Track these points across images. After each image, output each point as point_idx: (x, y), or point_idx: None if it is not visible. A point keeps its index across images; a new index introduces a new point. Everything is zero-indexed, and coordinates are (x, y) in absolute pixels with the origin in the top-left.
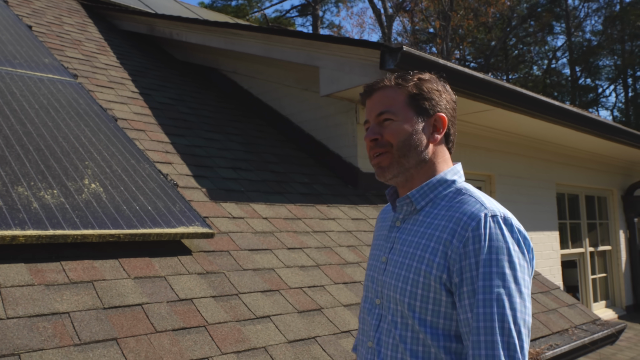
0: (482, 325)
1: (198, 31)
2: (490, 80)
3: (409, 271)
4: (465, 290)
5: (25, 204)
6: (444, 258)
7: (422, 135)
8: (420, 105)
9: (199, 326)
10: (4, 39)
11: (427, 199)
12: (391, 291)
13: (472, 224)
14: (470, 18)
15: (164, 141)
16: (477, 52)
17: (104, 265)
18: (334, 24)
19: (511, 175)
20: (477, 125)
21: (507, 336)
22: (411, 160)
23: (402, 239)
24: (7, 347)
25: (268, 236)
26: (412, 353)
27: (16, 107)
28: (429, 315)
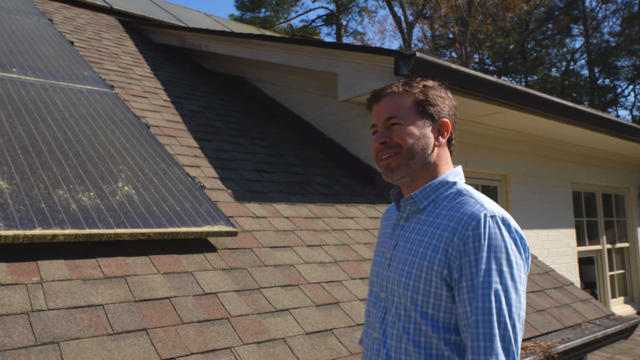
0: (480, 318)
1: (225, 42)
2: (501, 83)
3: (411, 267)
4: (465, 285)
5: (65, 205)
6: (444, 255)
7: (429, 138)
8: (427, 111)
9: (223, 318)
10: (48, 55)
11: (429, 199)
12: (395, 285)
13: (472, 223)
14: (488, 23)
15: (193, 146)
16: (496, 55)
17: (136, 262)
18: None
19: (526, 174)
20: (491, 126)
21: (503, 329)
22: (418, 162)
23: (406, 236)
24: (48, 335)
25: (289, 234)
26: (415, 343)
27: (58, 117)
28: (430, 308)
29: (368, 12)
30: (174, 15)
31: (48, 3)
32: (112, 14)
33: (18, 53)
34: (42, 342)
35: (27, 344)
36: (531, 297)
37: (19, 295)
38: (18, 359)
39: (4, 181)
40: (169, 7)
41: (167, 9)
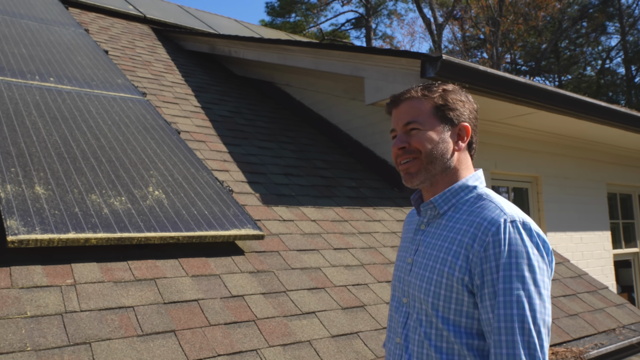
0: (502, 325)
1: (254, 48)
2: (530, 84)
3: (432, 272)
4: (487, 292)
5: (97, 209)
6: (465, 261)
7: (448, 143)
8: (446, 116)
9: (249, 321)
10: (84, 64)
11: (449, 204)
12: (416, 291)
13: (492, 229)
14: (520, 22)
15: (222, 151)
16: (528, 55)
17: (165, 265)
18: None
19: (558, 176)
20: (521, 127)
21: (527, 336)
22: (437, 167)
23: (427, 241)
24: (80, 336)
25: (316, 237)
26: (437, 349)
27: (92, 124)
28: (452, 314)
29: (397, 14)
30: (205, 22)
31: (84, 14)
32: (145, 23)
33: (55, 63)
34: (75, 342)
35: (61, 344)
36: (563, 301)
37: (53, 297)
38: (52, 358)
39: (41, 187)
40: (200, 14)
41: (198, 16)
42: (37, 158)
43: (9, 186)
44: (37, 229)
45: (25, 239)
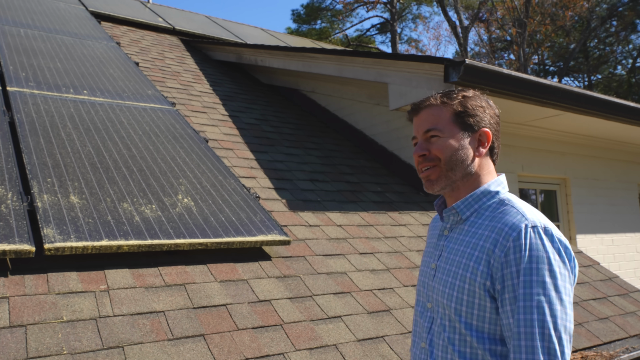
0: (522, 330)
1: (279, 57)
2: (555, 85)
3: (455, 278)
4: (507, 297)
5: (129, 217)
6: (487, 266)
7: (468, 150)
8: (465, 122)
9: (276, 325)
10: (115, 76)
11: (471, 210)
12: (439, 296)
13: (513, 234)
14: (547, 23)
15: (249, 158)
16: (556, 56)
17: (194, 270)
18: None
19: (587, 177)
20: (548, 129)
21: (548, 342)
22: (458, 174)
23: (450, 247)
24: (113, 340)
25: (341, 242)
26: (461, 354)
27: (124, 134)
28: (475, 319)
29: (422, 18)
30: (232, 32)
31: (116, 27)
32: (174, 34)
33: (89, 76)
34: (109, 346)
35: (95, 348)
36: (593, 305)
37: (88, 302)
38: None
39: (75, 196)
40: (227, 24)
41: (225, 26)
42: (71, 168)
43: (45, 196)
44: (72, 237)
45: (61, 246)
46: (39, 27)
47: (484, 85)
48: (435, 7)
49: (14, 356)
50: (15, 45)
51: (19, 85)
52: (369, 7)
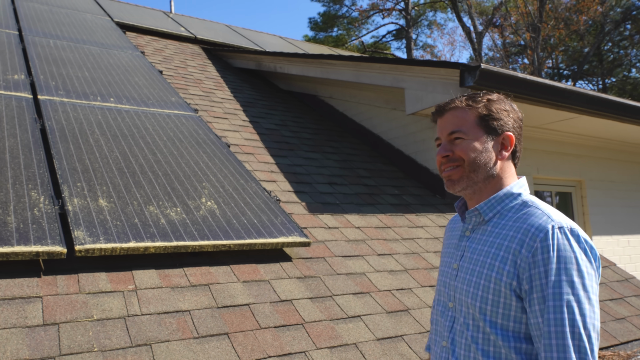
0: (552, 330)
1: (297, 63)
2: (570, 89)
3: (479, 277)
4: (536, 297)
5: (155, 220)
6: (513, 266)
7: (491, 152)
8: (490, 125)
9: (297, 324)
10: (140, 84)
11: (494, 211)
12: (463, 295)
13: (540, 235)
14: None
15: (269, 162)
16: (570, 59)
17: (218, 271)
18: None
19: (603, 179)
20: (563, 132)
21: (578, 340)
22: (480, 175)
23: (472, 247)
24: (141, 338)
25: (360, 244)
26: (484, 353)
27: (149, 140)
28: (500, 318)
29: (437, 25)
30: (252, 40)
31: (140, 37)
32: (196, 43)
33: (115, 84)
34: (137, 344)
35: (124, 345)
36: (609, 305)
37: (117, 302)
38: (116, 358)
39: (104, 200)
40: (247, 33)
41: (245, 35)
42: (100, 173)
43: (75, 200)
44: (101, 239)
45: (90, 248)
46: (67, 37)
47: (499, 89)
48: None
49: (48, 353)
50: (45, 56)
51: (49, 93)
52: (385, 14)
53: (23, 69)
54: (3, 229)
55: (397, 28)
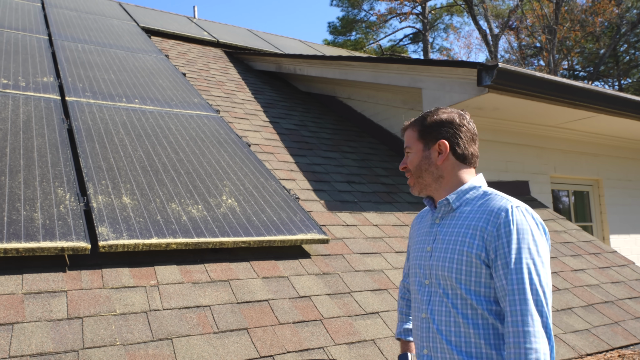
0: (516, 287)
1: (317, 65)
2: (588, 88)
3: (453, 253)
4: (500, 263)
5: (177, 217)
6: (481, 240)
7: (429, 159)
8: (425, 137)
9: (316, 320)
10: (164, 86)
11: (461, 200)
12: (440, 271)
13: (501, 213)
14: (576, 29)
15: (289, 161)
16: (586, 61)
17: (238, 267)
18: (444, 48)
19: (621, 178)
20: (580, 131)
21: (535, 295)
22: (427, 179)
23: (444, 231)
24: (163, 332)
25: (378, 241)
26: (464, 315)
27: (172, 140)
28: (473, 285)
29: (454, 28)
30: (272, 43)
31: (165, 41)
32: (218, 47)
33: (140, 86)
34: (158, 338)
35: (146, 340)
36: (628, 304)
37: (139, 297)
38: (138, 352)
39: (127, 197)
40: (267, 36)
41: (265, 38)
42: (124, 171)
43: (100, 197)
44: (124, 235)
45: (114, 244)
46: (94, 42)
47: (517, 89)
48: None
49: (72, 346)
50: (73, 59)
51: (77, 95)
52: (402, 18)
53: (52, 71)
54: (30, 225)
55: (414, 32)
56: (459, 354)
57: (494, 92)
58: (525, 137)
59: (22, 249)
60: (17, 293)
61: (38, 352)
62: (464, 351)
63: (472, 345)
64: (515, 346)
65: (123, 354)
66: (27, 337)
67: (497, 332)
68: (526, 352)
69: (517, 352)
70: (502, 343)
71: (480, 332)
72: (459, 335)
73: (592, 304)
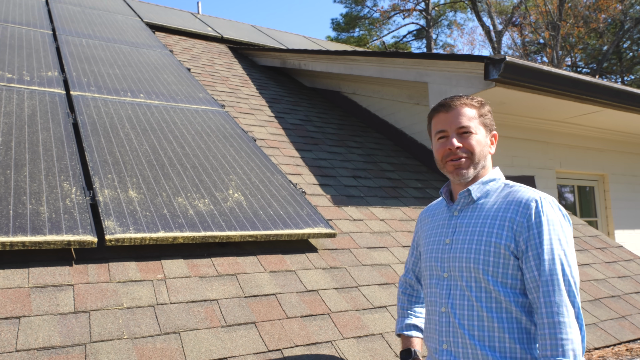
0: (549, 278)
1: (322, 60)
2: (596, 82)
3: (479, 244)
4: (531, 254)
5: (184, 211)
6: (510, 231)
7: (487, 147)
8: (486, 124)
9: (324, 314)
10: (169, 81)
11: (482, 192)
12: (463, 262)
13: (531, 204)
14: (580, 26)
15: (294, 156)
16: (589, 57)
17: (245, 261)
18: (447, 44)
19: (626, 174)
20: (586, 126)
21: (568, 285)
22: (480, 165)
23: (465, 223)
24: (170, 326)
25: (384, 236)
26: (488, 309)
27: (177, 134)
28: (500, 277)
29: (457, 24)
30: (276, 39)
31: (169, 37)
32: (222, 42)
33: (145, 81)
34: (166, 331)
35: (154, 333)
36: (635, 298)
37: (146, 290)
38: (146, 346)
39: (134, 191)
40: (271, 32)
41: (269, 34)
42: (130, 165)
43: (106, 191)
44: (131, 229)
45: (121, 237)
46: (99, 37)
47: (524, 83)
48: (469, 14)
49: (79, 340)
50: (77, 54)
51: (82, 89)
52: (405, 14)
53: (57, 66)
54: (36, 218)
55: (417, 28)
56: (482, 349)
57: (501, 86)
58: (531, 132)
59: (29, 243)
60: (24, 287)
61: (45, 346)
62: (487, 345)
63: (495, 339)
64: (551, 337)
65: (131, 347)
66: (34, 331)
67: (520, 326)
68: (563, 343)
69: (554, 344)
70: (525, 337)
71: (504, 325)
72: (482, 329)
73: (599, 299)
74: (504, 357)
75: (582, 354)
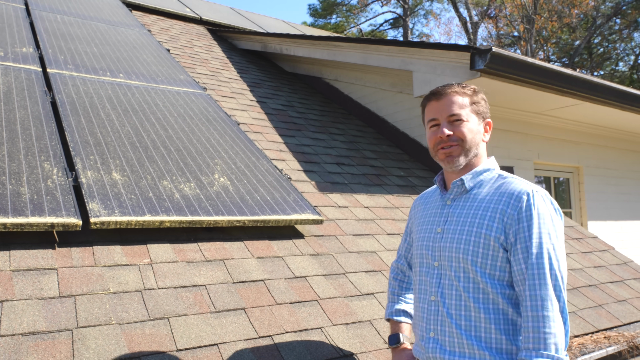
0: (536, 272)
1: (304, 45)
2: (577, 75)
3: (469, 235)
4: (520, 247)
5: (169, 195)
6: (501, 223)
7: (480, 135)
8: (478, 111)
9: (313, 300)
10: (149, 61)
11: (475, 182)
12: (453, 252)
13: (523, 197)
14: (554, 20)
15: (277, 141)
16: (561, 52)
17: (232, 247)
18: (423, 34)
19: (600, 166)
20: (564, 119)
21: (554, 279)
22: (472, 153)
23: (457, 212)
24: (159, 312)
25: (370, 223)
26: (475, 299)
27: (160, 116)
28: (488, 268)
29: (434, 14)
30: (255, 22)
31: (146, 16)
32: (201, 24)
33: (124, 60)
34: (155, 317)
35: (142, 319)
36: (611, 287)
37: (132, 275)
38: (134, 332)
39: (117, 173)
40: (250, 15)
41: (249, 17)
42: (112, 147)
43: (89, 172)
44: (116, 212)
45: (106, 220)
46: (74, 13)
47: (509, 74)
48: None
49: (65, 325)
50: (53, 30)
51: (59, 67)
52: (383, 2)
53: (31, 42)
54: (17, 199)
55: (394, 17)
56: (468, 338)
57: (486, 77)
58: (511, 123)
59: (10, 224)
60: (5, 270)
61: (30, 331)
62: (473, 335)
63: (482, 329)
64: (534, 330)
65: (119, 333)
66: (17, 316)
67: (507, 318)
68: (545, 337)
69: (537, 337)
70: (511, 329)
71: (491, 317)
72: (469, 320)
73: (576, 288)
74: (490, 348)
75: (565, 347)
